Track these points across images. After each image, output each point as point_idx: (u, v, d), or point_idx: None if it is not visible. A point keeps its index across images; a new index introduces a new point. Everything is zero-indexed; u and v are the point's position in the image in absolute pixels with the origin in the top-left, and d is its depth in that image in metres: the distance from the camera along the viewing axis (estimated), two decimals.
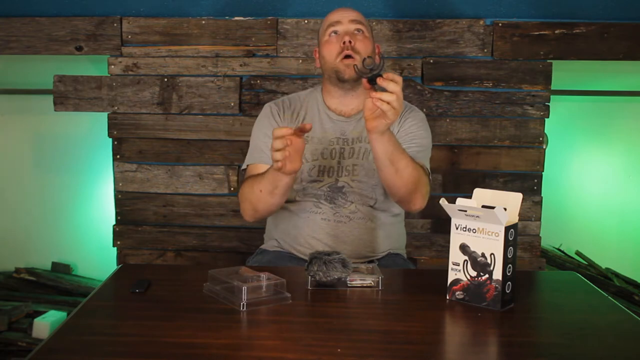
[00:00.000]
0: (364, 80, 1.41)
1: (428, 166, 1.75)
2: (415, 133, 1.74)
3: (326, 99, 1.80)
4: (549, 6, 2.29)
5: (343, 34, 1.70)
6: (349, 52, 1.68)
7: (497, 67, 2.32)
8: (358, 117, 1.76)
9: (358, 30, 1.72)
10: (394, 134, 1.56)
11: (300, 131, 1.39)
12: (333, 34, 1.72)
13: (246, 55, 2.34)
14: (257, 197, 1.60)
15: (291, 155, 1.41)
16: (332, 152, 1.73)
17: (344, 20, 1.72)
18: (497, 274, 1.23)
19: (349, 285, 1.36)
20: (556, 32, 2.30)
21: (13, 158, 2.72)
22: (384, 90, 1.38)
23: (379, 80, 1.38)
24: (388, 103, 1.38)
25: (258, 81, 2.34)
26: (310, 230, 1.72)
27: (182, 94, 2.35)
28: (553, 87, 2.32)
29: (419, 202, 1.64)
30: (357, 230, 1.72)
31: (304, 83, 2.33)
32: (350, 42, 1.68)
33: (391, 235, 1.79)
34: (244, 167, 1.80)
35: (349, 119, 1.76)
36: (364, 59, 1.41)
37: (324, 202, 1.72)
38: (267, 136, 1.68)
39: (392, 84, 1.37)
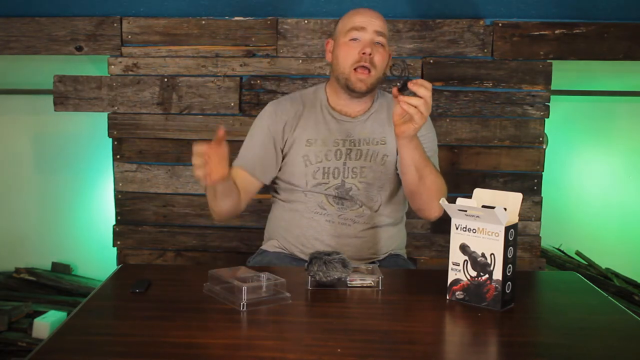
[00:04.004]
0: (394, 88, 1.43)
1: (439, 169, 1.75)
2: (426, 136, 1.73)
3: (331, 98, 1.77)
4: (549, 6, 2.29)
5: (365, 43, 1.65)
6: (366, 64, 1.65)
7: (497, 67, 2.32)
8: (364, 118, 1.75)
9: (379, 42, 1.67)
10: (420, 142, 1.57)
11: (218, 141, 1.39)
12: (354, 40, 1.67)
13: (246, 55, 2.34)
14: (209, 201, 1.64)
15: (214, 165, 1.39)
16: (336, 153, 1.72)
17: (369, 29, 1.66)
18: (497, 274, 1.23)
19: (349, 285, 1.36)
20: (556, 32, 2.30)
21: (13, 158, 2.72)
22: (413, 94, 1.42)
23: (411, 85, 1.41)
24: (416, 107, 1.41)
25: (258, 81, 2.34)
26: (314, 232, 1.72)
27: (182, 94, 2.35)
28: (553, 87, 2.32)
29: (439, 210, 1.65)
30: (360, 232, 1.72)
31: (304, 83, 2.33)
32: (370, 54, 1.64)
33: (393, 237, 1.79)
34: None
35: (354, 120, 1.74)
36: (394, 64, 1.42)
37: (331, 203, 1.72)
38: (259, 144, 1.75)
39: (422, 89, 1.40)
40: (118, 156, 2.39)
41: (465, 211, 1.24)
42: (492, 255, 1.23)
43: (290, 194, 1.76)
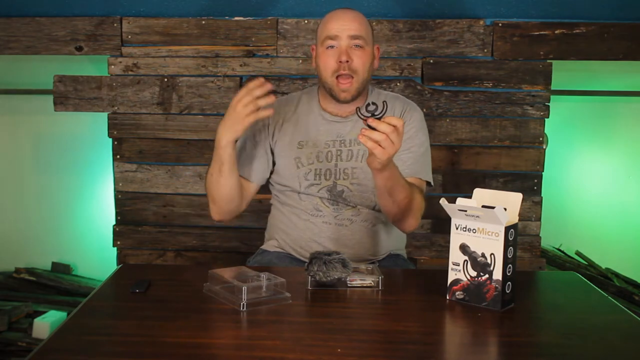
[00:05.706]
0: (362, 121, 1.36)
1: (428, 173, 1.72)
2: (414, 139, 1.70)
3: (322, 100, 1.76)
4: (549, 6, 2.29)
5: (340, 51, 1.63)
6: (345, 72, 1.63)
7: (497, 67, 2.32)
8: (355, 117, 1.71)
9: (357, 45, 1.64)
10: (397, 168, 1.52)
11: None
12: (330, 47, 1.65)
13: (246, 55, 2.34)
14: (210, 184, 1.65)
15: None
16: (327, 155, 1.71)
17: (343, 35, 1.62)
18: (497, 274, 1.23)
19: (349, 285, 1.36)
20: (556, 32, 2.30)
21: (13, 158, 2.72)
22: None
23: (370, 121, 1.34)
24: (377, 142, 1.34)
25: None
26: (311, 234, 1.71)
27: (182, 94, 2.35)
28: (553, 87, 2.32)
29: (412, 224, 1.65)
30: (359, 233, 1.72)
31: (304, 83, 2.33)
32: (347, 61, 1.62)
33: (392, 237, 1.78)
34: None
35: (345, 119, 1.73)
36: (368, 105, 1.36)
37: (326, 205, 1.71)
38: (250, 142, 1.74)
39: (384, 125, 1.33)
40: (118, 156, 2.39)
41: (465, 211, 1.24)
42: (492, 255, 1.23)
43: (286, 197, 1.76)
